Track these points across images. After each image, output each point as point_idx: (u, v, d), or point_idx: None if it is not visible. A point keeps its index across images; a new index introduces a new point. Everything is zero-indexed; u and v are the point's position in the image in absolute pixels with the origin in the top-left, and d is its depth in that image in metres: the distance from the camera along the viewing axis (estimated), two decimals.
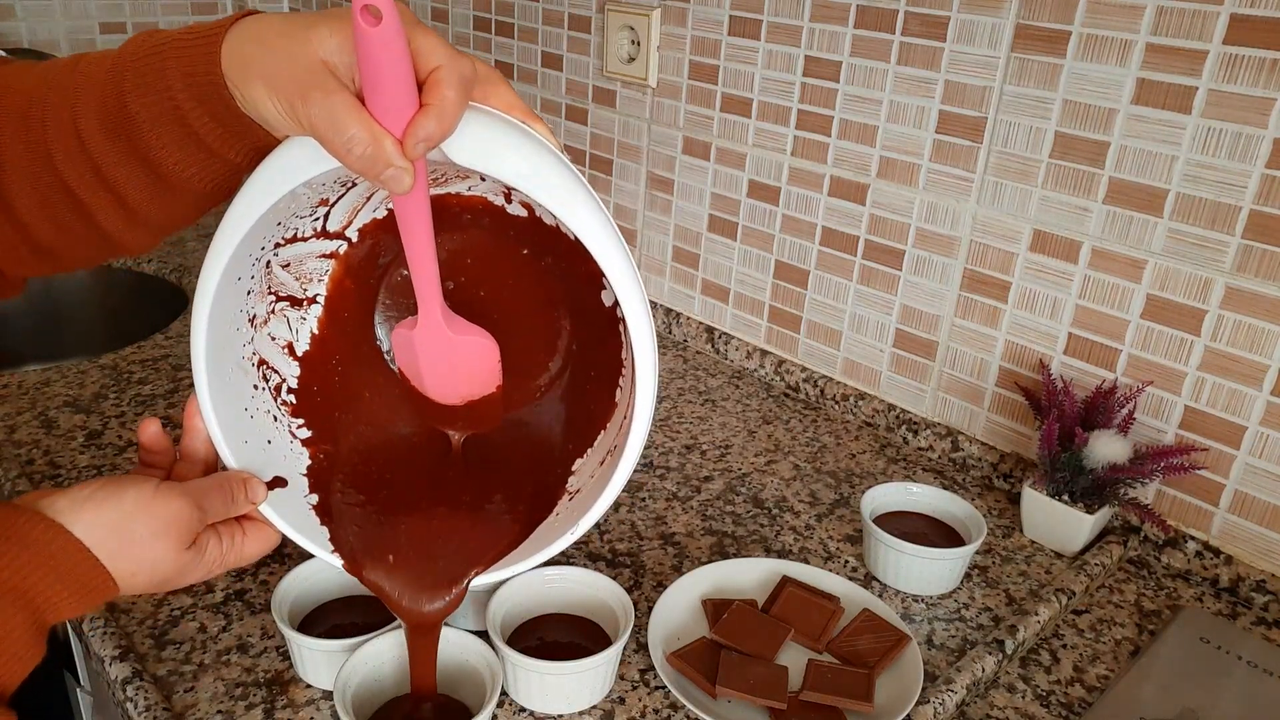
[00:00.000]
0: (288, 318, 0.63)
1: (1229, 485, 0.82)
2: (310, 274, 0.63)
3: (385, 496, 0.65)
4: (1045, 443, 0.84)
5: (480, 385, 0.64)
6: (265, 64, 0.45)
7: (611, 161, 1.28)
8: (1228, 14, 0.74)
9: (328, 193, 0.57)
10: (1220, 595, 0.83)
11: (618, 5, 1.18)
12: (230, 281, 0.55)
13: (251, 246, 0.55)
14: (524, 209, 0.63)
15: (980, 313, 0.95)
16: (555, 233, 0.62)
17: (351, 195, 0.60)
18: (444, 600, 0.62)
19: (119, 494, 0.52)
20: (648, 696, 0.68)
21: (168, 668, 0.68)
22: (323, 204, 0.59)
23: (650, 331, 0.55)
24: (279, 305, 0.62)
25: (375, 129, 0.44)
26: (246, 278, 0.58)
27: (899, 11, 0.93)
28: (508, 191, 0.62)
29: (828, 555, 0.84)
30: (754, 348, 1.17)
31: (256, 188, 0.50)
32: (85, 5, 1.73)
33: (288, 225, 0.58)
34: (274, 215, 0.53)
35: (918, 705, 0.66)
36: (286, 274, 0.62)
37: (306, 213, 0.59)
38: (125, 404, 1.01)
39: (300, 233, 0.60)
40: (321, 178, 0.50)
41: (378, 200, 0.61)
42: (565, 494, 0.65)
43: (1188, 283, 0.81)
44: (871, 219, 1.02)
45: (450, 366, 0.62)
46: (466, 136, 0.48)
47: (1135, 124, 0.81)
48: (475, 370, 0.63)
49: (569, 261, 0.64)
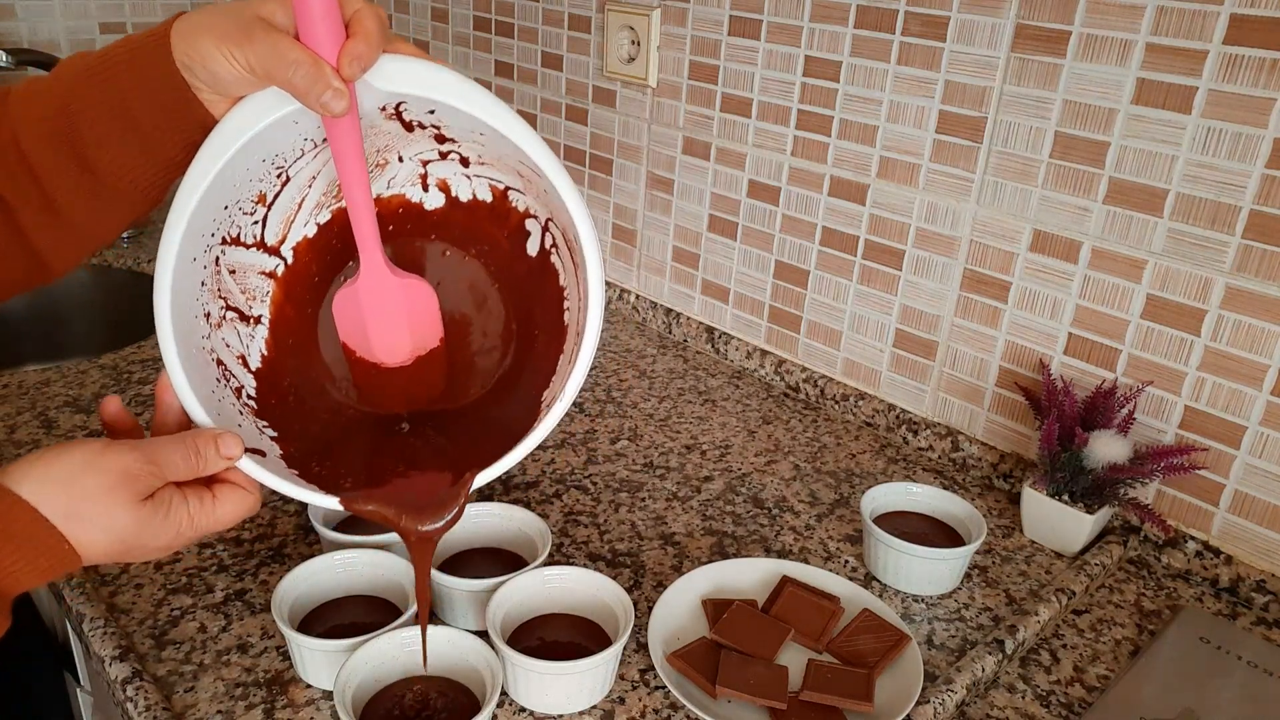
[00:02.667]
0: (238, 330, 0.64)
1: (1229, 485, 0.82)
2: (254, 291, 0.64)
3: (366, 469, 0.65)
4: (1045, 443, 0.84)
5: (425, 335, 0.66)
6: (212, 23, 0.52)
7: (611, 161, 1.28)
8: (1228, 14, 0.74)
9: (266, 186, 0.60)
10: (1220, 595, 0.83)
11: (618, 5, 1.18)
12: (187, 261, 0.56)
13: (204, 221, 0.57)
14: (441, 193, 0.67)
15: (980, 313, 0.95)
16: (471, 210, 0.66)
17: (285, 197, 0.62)
18: (445, 519, 0.61)
19: (67, 452, 0.51)
20: (648, 696, 0.68)
21: (168, 668, 0.68)
22: (261, 201, 0.61)
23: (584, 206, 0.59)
24: (228, 314, 0.63)
25: (314, 55, 0.51)
26: (200, 265, 0.59)
27: (899, 11, 0.93)
28: (424, 175, 0.65)
29: (828, 555, 0.84)
30: (754, 348, 1.17)
31: (209, 151, 0.54)
32: (85, 5, 1.73)
33: (233, 218, 0.60)
34: (223, 189, 0.56)
35: (918, 705, 0.66)
36: (233, 282, 0.63)
37: (249, 208, 0.60)
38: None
39: (242, 235, 0.61)
40: (265, 147, 0.56)
41: (308, 211, 0.64)
42: (542, 408, 0.64)
43: (1188, 283, 0.81)
44: (871, 219, 1.02)
45: (395, 313, 0.64)
46: (389, 66, 0.55)
47: (1135, 124, 0.81)
48: (419, 315, 0.65)
49: (489, 236, 0.67)
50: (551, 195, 0.60)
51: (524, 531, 0.77)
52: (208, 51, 0.51)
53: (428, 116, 0.61)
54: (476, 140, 0.62)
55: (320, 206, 0.65)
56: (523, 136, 0.57)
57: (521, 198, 0.66)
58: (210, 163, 0.54)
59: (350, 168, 0.57)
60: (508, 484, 0.91)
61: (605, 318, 1.31)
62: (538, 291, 0.68)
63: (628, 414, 1.06)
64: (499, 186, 0.66)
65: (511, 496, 0.89)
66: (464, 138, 0.62)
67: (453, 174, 0.66)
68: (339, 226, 0.66)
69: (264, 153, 0.57)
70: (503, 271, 0.69)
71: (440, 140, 0.63)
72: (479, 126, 0.58)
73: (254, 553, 0.80)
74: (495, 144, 0.60)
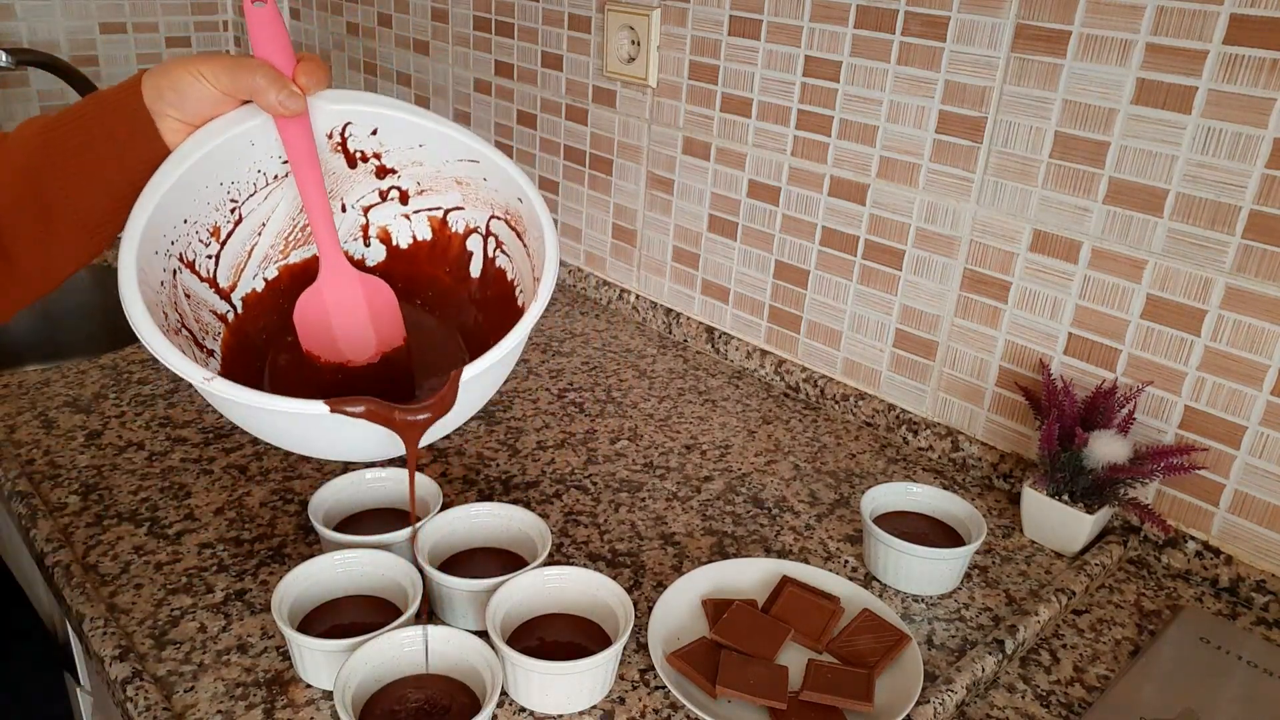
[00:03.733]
0: (194, 351, 0.64)
1: (1229, 485, 0.82)
2: (206, 327, 0.66)
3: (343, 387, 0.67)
4: (1045, 443, 0.84)
5: (389, 332, 0.68)
6: (181, 58, 0.59)
7: (611, 161, 1.28)
8: (1228, 14, 0.74)
9: (221, 220, 0.64)
10: (1220, 595, 0.83)
11: (618, 5, 1.18)
12: (149, 252, 0.58)
13: (166, 222, 0.60)
14: (382, 244, 0.72)
15: (980, 313, 0.95)
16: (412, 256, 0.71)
17: (236, 240, 0.66)
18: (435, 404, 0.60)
19: None
20: (648, 696, 0.68)
21: (168, 668, 0.68)
22: (215, 236, 0.64)
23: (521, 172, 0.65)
24: (184, 331, 0.63)
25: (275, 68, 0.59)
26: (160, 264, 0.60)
27: (899, 11, 0.93)
28: (365, 226, 0.71)
29: (828, 555, 0.84)
30: (754, 348, 1.17)
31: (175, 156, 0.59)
32: (85, 5, 1.73)
33: (190, 240, 0.62)
34: (185, 197, 0.60)
35: (918, 705, 0.66)
36: (188, 305, 0.64)
37: (205, 238, 0.63)
38: (125, 404, 1.01)
39: (197, 264, 0.64)
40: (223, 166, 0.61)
41: (256, 263, 0.67)
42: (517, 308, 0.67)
43: (1188, 283, 0.81)
44: (871, 219, 1.02)
45: (358, 309, 0.66)
46: (336, 93, 0.62)
47: (1135, 124, 0.81)
48: (381, 312, 0.68)
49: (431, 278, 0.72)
50: (493, 178, 0.64)
51: (524, 531, 0.77)
52: (177, 75, 0.57)
53: (370, 140, 0.65)
54: (415, 161, 0.67)
55: (268, 260, 0.68)
56: (458, 129, 0.64)
57: (461, 215, 0.69)
58: (179, 162, 0.59)
59: (305, 171, 0.62)
60: (508, 484, 0.91)
61: (605, 318, 1.31)
62: (487, 303, 0.71)
63: (628, 414, 1.06)
64: (437, 216, 0.70)
65: (511, 496, 0.89)
66: (404, 164, 0.67)
67: (393, 218, 0.70)
68: (285, 285, 0.70)
69: (222, 174, 0.61)
70: (450, 306, 0.73)
71: (381, 174, 0.68)
72: (418, 135, 0.64)
73: (254, 553, 0.80)
74: (434, 150, 0.65)
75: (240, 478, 0.90)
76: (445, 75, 1.53)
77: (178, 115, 0.58)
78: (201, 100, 0.58)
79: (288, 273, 0.70)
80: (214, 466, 0.91)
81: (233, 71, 0.57)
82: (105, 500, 0.85)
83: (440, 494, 0.80)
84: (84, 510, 0.84)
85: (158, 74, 0.57)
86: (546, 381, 1.12)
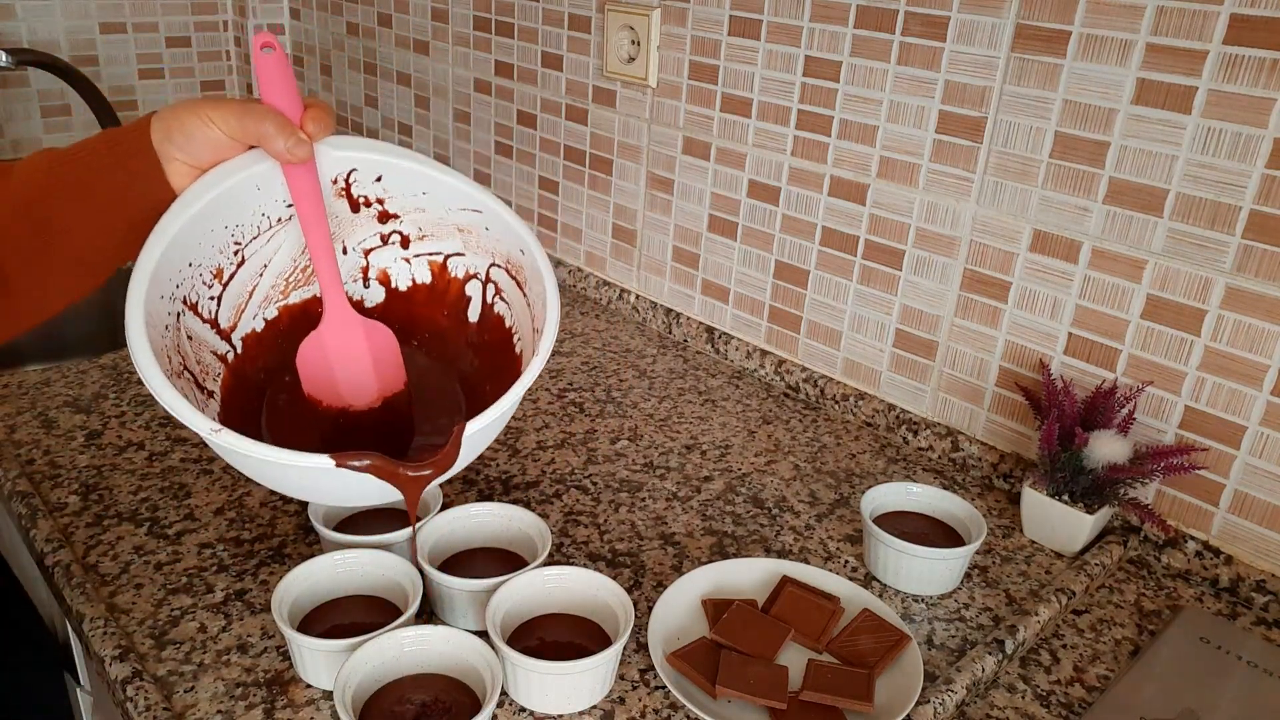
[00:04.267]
0: (195, 393, 0.64)
1: (1229, 485, 0.82)
2: (207, 368, 0.66)
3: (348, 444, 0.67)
4: (1045, 443, 0.84)
5: (390, 376, 0.68)
6: (190, 102, 0.59)
7: (611, 161, 1.28)
8: (1228, 14, 0.74)
9: (224, 262, 0.64)
10: (1220, 595, 0.83)
11: (618, 5, 1.18)
12: (156, 297, 0.59)
13: (172, 265, 0.60)
14: (381, 286, 0.72)
15: (980, 313, 0.95)
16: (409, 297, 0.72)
17: (238, 281, 0.66)
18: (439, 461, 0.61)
19: None
20: (648, 696, 0.68)
21: (168, 668, 0.68)
22: (218, 278, 0.65)
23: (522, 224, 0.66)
24: (185, 374, 0.63)
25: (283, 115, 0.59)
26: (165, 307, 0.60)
27: (899, 11, 0.93)
28: (365, 268, 0.71)
29: (828, 555, 0.84)
30: (754, 348, 1.17)
31: (183, 200, 0.59)
32: (85, 5, 1.73)
33: (194, 283, 0.63)
34: (190, 241, 0.60)
35: (918, 705, 0.66)
36: (190, 348, 0.65)
37: (208, 280, 0.64)
38: (125, 404, 1.01)
39: (200, 305, 0.64)
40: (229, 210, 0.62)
41: (257, 304, 0.68)
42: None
43: (1188, 283, 0.81)
44: (871, 219, 1.02)
45: (360, 354, 0.67)
46: (343, 139, 0.63)
47: (1135, 124, 0.81)
48: (382, 356, 0.68)
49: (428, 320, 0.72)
50: (495, 228, 0.65)
51: (524, 531, 0.77)
52: (186, 119, 0.58)
53: (374, 186, 0.66)
54: (418, 208, 0.67)
55: (268, 300, 0.69)
56: (461, 179, 0.65)
57: (461, 260, 0.70)
58: (186, 206, 0.59)
59: (310, 216, 0.62)
60: (507, 484, 0.91)
61: (605, 318, 1.31)
62: (484, 347, 0.72)
63: (628, 414, 1.06)
64: (437, 261, 0.70)
65: (511, 496, 0.89)
66: (406, 209, 0.67)
67: (392, 260, 0.71)
68: (285, 325, 0.71)
69: (227, 217, 0.62)
70: (446, 349, 0.74)
71: (383, 219, 0.68)
72: (422, 183, 0.65)
73: (254, 553, 0.80)
74: (437, 198, 0.66)
75: (240, 478, 0.90)
76: (445, 75, 1.53)
77: (185, 158, 0.58)
78: (209, 144, 0.58)
79: (287, 313, 0.71)
80: (214, 466, 0.91)
81: (241, 117, 0.57)
82: (105, 500, 0.85)
83: (440, 494, 0.80)
84: (84, 510, 0.84)
85: (167, 116, 0.58)
86: (546, 381, 1.12)
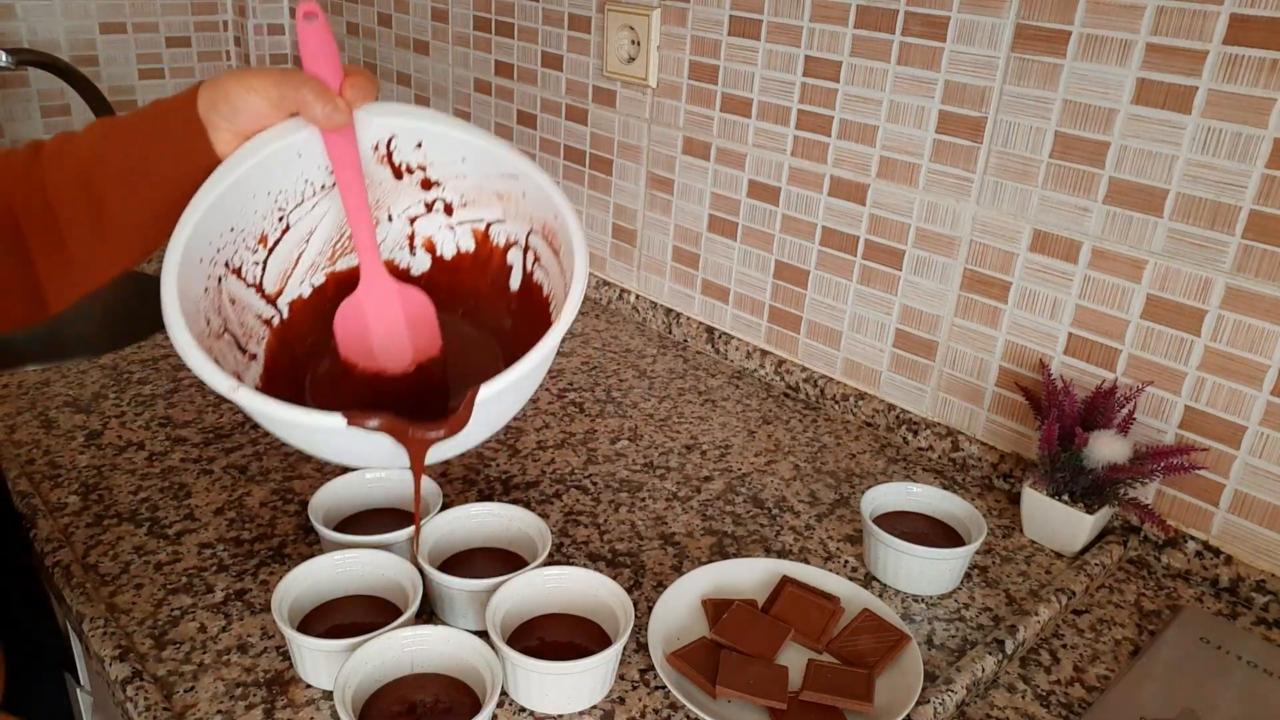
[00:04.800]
0: (235, 354, 0.65)
1: (1229, 485, 0.82)
2: (250, 331, 0.67)
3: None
4: (1045, 443, 0.84)
5: (426, 341, 0.68)
6: (235, 71, 0.61)
7: (611, 161, 1.28)
8: (1228, 14, 0.74)
9: (269, 228, 0.65)
10: (1220, 595, 0.83)
11: (618, 5, 1.18)
12: (194, 260, 0.59)
13: (214, 229, 0.61)
14: (427, 253, 0.73)
15: (980, 313, 0.95)
16: (455, 267, 0.72)
17: (284, 247, 0.66)
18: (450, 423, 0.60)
19: None
20: (648, 696, 0.68)
21: (168, 668, 0.68)
22: (263, 243, 0.65)
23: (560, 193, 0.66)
24: (226, 335, 0.64)
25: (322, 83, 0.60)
26: (204, 270, 0.61)
27: (899, 11, 0.93)
28: (411, 235, 0.72)
29: (828, 555, 0.84)
30: (754, 348, 1.17)
31: (226, 165, 0.61)
32: (85, 5, 1.73)
33: (238, 247, 0.63)
34: (233, 205, 0.62)
35: (918, 705, 0.66)
36: (233, 311, 0.65)
37: (252, 245, 0.64)
38: (125, 404, 1.01)
39: (244, 270, 0.65)
40: (271, 176, 0.62)
41: (304, 270, 0.68)
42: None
43: (1188, 283, 0.81)
44: (871, 219, 1.02)
45: (396, 318, 0.67)
46: (383, 106, 0.63)
47: (1135, 124, 0.81)
48: (418, 321, 0.68)
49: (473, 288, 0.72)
50: (531, 194, 0.65)
51: (524, 531, 0.77)
52: (230, 87, 0.59)
53: (415, 153, 0.66)
54: (459, 175, 0.68)
55: (315, 267, 0.69)
56: (499, 143, 0.66)
57: (502, 228, 0.70)
58: (226, 172, 0.60)
59: (349, 182, 0.63)
60: (507, 484, 0.91)
61: (605, 318, 1.31)
62: (524, 316, 0.71)
63: (628, 414, 1.06)
64: (480, 229, 0.71)
65: (511, 496, 0.89)
66: (447, 177, 0.68)
67: (437, 229, 0.71)
68: (331, 292, 0.70)
69: (270, 184, 0.63)
70: (489, 319, 0.73)
71: (426, 187, 0.69)
72: (461, 150, 0.65)
73: (254, 553, 0.80)
74: (477, 165, 0.66)
75: (240, 478, 0.90)
76: (445, 75, 1.53)
77: (229, 126, 0.60)
78: (252, 112, 0.60)
79: (334, 280, 0.71)
80: (214, 466, 0.91)
81: (281, 85, 0.59)
82: (105, 500, 0.85)
83: (440, 494, 0.80)
84: (84, 510, 0.84)
85: (212, 85, 0.60)
86: (547, 381, 1.12)
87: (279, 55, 1.91)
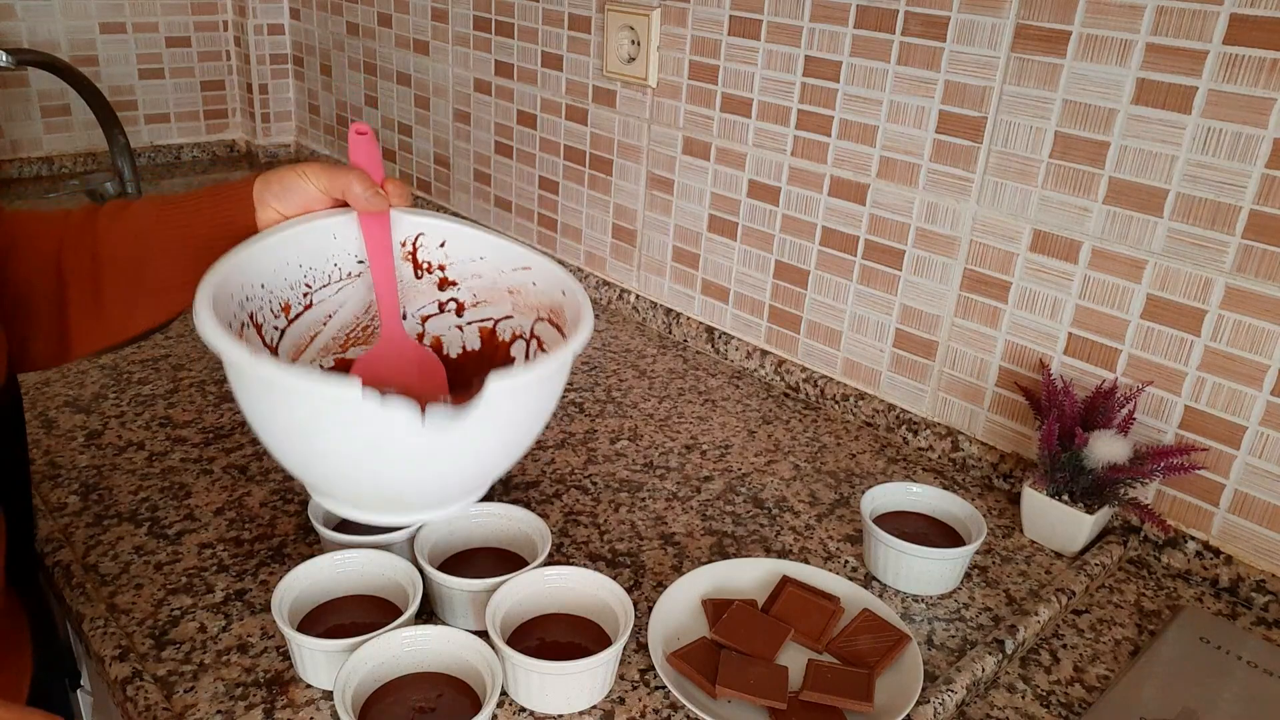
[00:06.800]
0: None
1: (1229, 485, 0.82)
2: None
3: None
4: (1045, 443, 0.84)
5: (433, 398, 0.70)
6: (292, 165, 0.68)
7: (611, 161, 1.28)
8: (1228, 14, 0.74)
9: (293, 299, 0.69)
10: (1220, 595, 0.83)
11: (618, 5, 1.18)
12: (225, 294, 0.62)
13: (251, 271, 0.64)
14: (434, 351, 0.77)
15: (980, 313, 0.95)
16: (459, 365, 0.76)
17: (302, 322, 0.70)
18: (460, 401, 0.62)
19: None
20: (648, 696, 0.68)
21: (168, 668, 0.68)
22: (285, 311, 0.68)
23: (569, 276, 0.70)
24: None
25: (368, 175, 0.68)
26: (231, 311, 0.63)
27: (899, 11, 0.93)
28: (420, 335, 0.76)
29: (828, 555, 0.84)
30: (754, 348, 1.17)
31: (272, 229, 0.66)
32: (85, 5, 1.73)
33: (263, 305, 0.67)
34: (269, 260, 0.66)
35: (918, 705, 0.66)
36: None
37: (275, 310, 0.67)
38: (125, 404, 1.01)
39: (265, 329, 0.68)
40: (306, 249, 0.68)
41: (316, 350, 0.72)
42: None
43: (1188, 283, 0.81)
44: (871, 219, 1.02)
45: (410, 378, 0.70)
46: (411, 211, 0.70)
47: (1135, 124, 0.81)
48: (430, 386, 0.71)
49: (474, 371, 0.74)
50: (541, 281, 0.70)
51: (524, 531, 0.77)
52: (285, 173, 0.67)
53: (438, 251, 0.72)
54: (475, 274, 0.73)
55: (327, 351, 0.72)
56: (516, 242, 0.71)
57: (509, 323, 0.74)
58: (269, 233, 0.66)
59: (379, 258, 0.68)
60: (508, 484, 0.91)
61: (605, 318, 1.31)
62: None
63: (628, 414, 1.06)
64: (488, 326, 0.74)
65: (511, 496, 0.89)
66: (464, 276, 0.73)
67: (447, 329, 0.75)
68: None
69: (302, 256, 0.68)
70: None
71: (442, 286, 0.73)
72: (480, 247, 0.72)
73: (254, 553, 0.80)
74: (493, 261, 0.72)
75: (240, 478, 0.90)
76: (445, 75, 1.53)
77: (277, 205, 0.66)
78: (301, 194, 0.66)
79: (342, 365, 0.74)
80: (214, 466, 0.91)
81: (331, 174, 0.66)
82: (105, 500, 0.85)
83: None
84: (84, 510, 0.84)
85: (269, 172, 0.67)
86: None
87: (279, 55, 1.91)
